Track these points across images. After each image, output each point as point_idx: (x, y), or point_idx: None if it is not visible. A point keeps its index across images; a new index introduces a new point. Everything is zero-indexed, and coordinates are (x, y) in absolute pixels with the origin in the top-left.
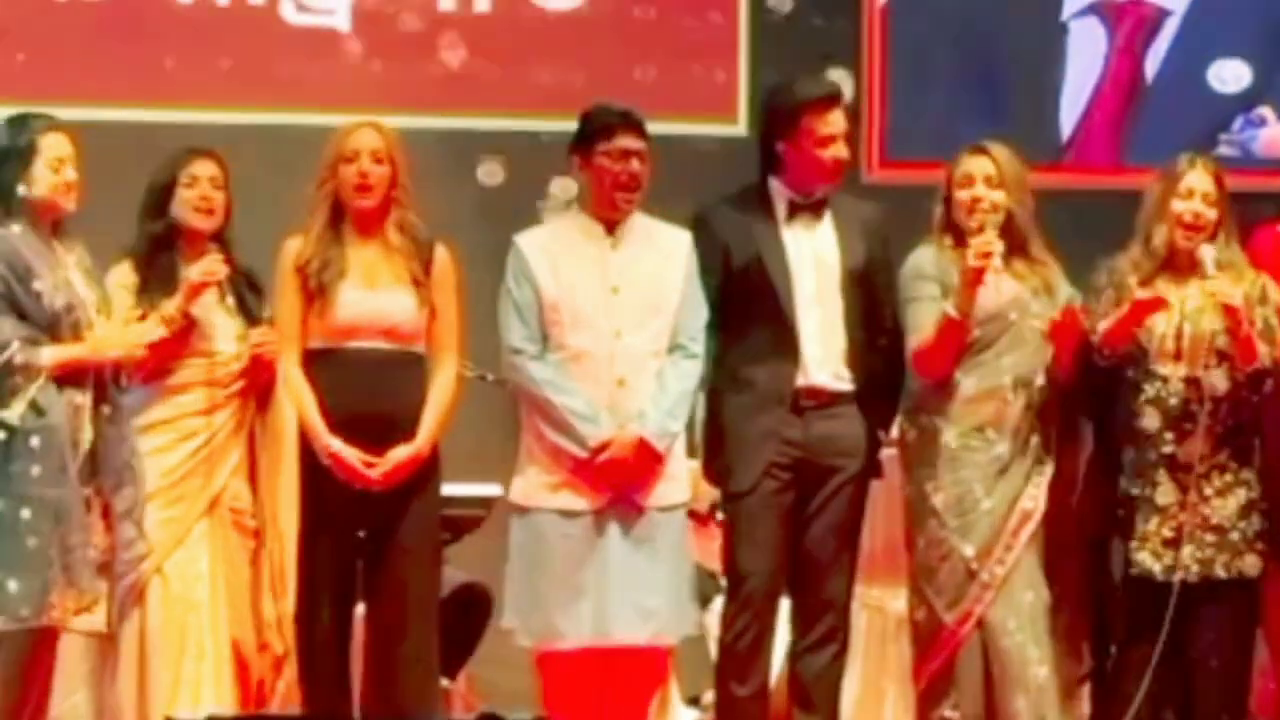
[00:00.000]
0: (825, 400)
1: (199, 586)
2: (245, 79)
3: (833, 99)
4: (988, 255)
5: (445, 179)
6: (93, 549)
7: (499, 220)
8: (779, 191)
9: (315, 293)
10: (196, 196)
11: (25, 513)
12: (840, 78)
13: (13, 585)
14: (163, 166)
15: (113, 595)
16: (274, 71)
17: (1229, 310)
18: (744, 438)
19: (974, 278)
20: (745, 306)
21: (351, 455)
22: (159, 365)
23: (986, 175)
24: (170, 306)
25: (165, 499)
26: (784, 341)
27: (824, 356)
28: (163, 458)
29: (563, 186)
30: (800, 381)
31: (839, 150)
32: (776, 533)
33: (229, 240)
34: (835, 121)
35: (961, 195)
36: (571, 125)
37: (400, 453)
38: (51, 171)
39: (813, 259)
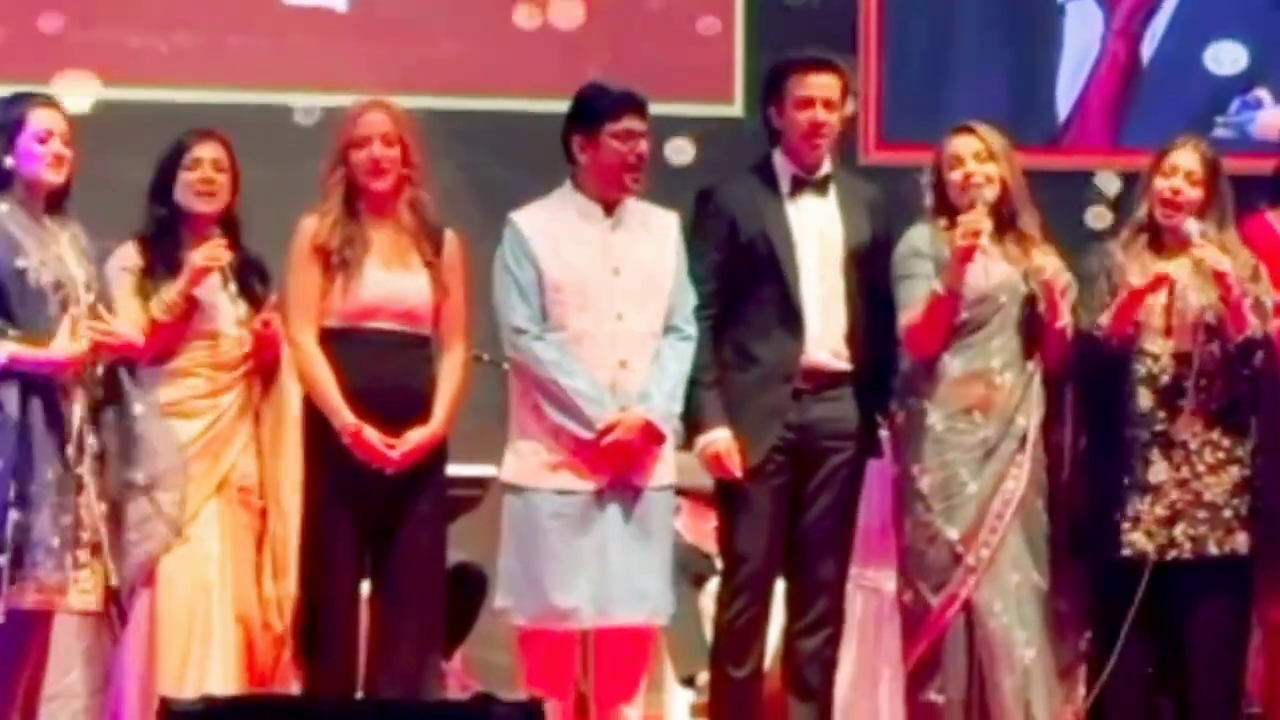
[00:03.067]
0: (823, 382)
1: (209, 567)
2: (244, 59)
3: (816, 61)
4: (977, 233)
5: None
6: (83, 531)
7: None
8: (782, 166)
9: (337, 270)
10: (198, 179)
11: None
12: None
13: None
14: (169, 148)
15: (107, 574)
16: (272, 52)
17: (1219, 276)
18: (746, 418)
19: (963, 255)
20: (750, 281)
21: (374, 436)
22: (163, 348)
23: (975, 151)
24: (172, 291)
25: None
26: (788, 317)
27: (824, 333)
28: None
29: None
30: (802, 359)
31: (816, 113)
32: (773, 515)
33: (236, 223)
34: (815, 84)
35: (953, 176)
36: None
37: (418, 434)
38: (37, 143)
39: (817, 235)
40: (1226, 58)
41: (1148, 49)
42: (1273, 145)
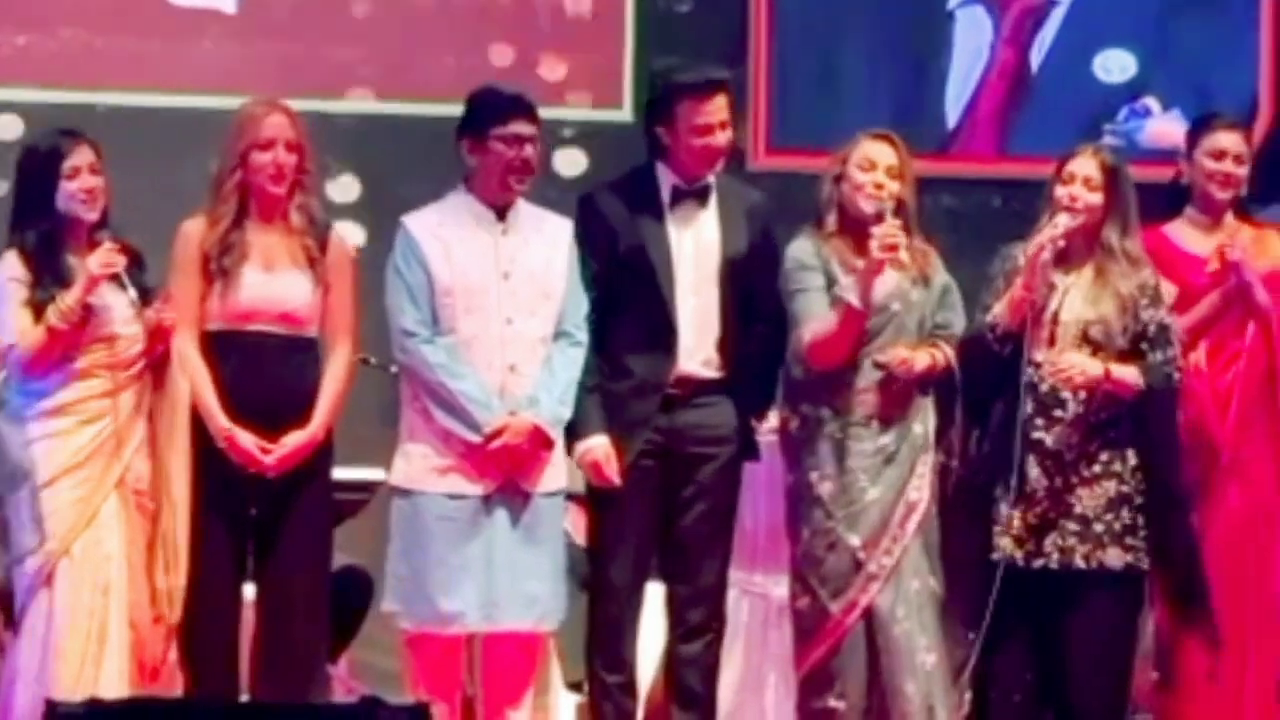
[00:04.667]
0: (693, 389)
1: (108, 567)
2: (128, 59)
3: (711, 86)
4: (894, 247)
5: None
6: None
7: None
8: (664, 177)
9: (216, 276)
10: (80, 189)
11: None
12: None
13: None
14: (36, 156)
15: None
16: (156, 52)
17: (1086, 385)
18: (616, 424)
19: (878, 268)
20: (627, 292)
21: (247, 440)
22: (62, 355)
23: (889, 165)
24: (69, 299)
25: (73, 480)
26: (662, 332)
27: (696, 345)
28: (69, 440)
29: None
30: (674, 372)
31: (715, 139)
32: (642, 519)
33: (109, 221)
34: (712, 110)
35: (862, 178)
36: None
37: (294, 438)
38: None
39: (694, 246)
40: (1115, 66)
41: (1036, 56)
42: (1161, 153)
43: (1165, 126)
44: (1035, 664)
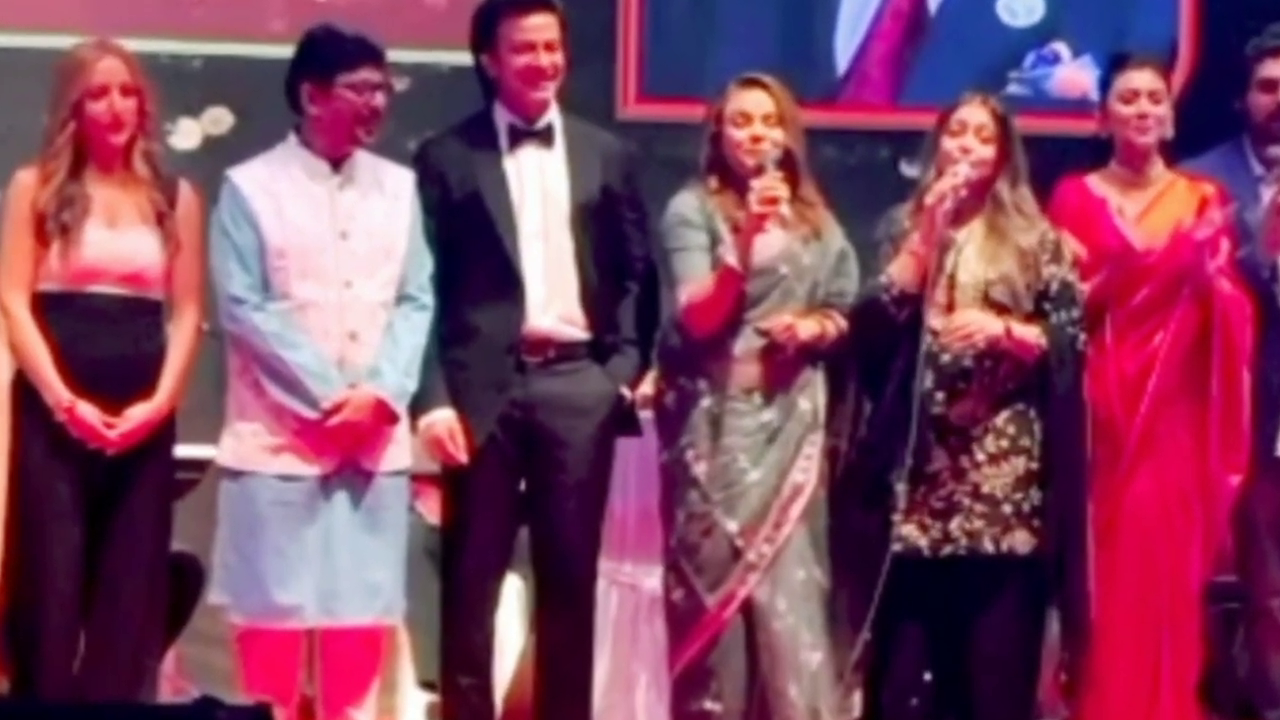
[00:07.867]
0: (554, 354)
1: None
2: None
3: (530, 2)
4: (774, 201)
5: None
6: None
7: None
8: (501, 117)
9: (54, 233)
10: None
11: None
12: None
13: None
14: None
15: None
16: None
17: (987, 341)
18: (468, 395)
19: (757, 224)
20: (466, 245)
21: (91, 414)
22: None
23: (765, 113)
24: None
25: None
26: (506, 282)
27: (549, 297)
28: None
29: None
30: (524, 327)
31: (537, 58)
32: (499, 502)
33: None
34: (532, 26)
35: (737, 134)
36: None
37: (140, 412)
38: None
39: (539, 190)
40: (1021, 8)
41: None
42: (1071, 104)
43: (1075, 74)
44: (933, 663)
